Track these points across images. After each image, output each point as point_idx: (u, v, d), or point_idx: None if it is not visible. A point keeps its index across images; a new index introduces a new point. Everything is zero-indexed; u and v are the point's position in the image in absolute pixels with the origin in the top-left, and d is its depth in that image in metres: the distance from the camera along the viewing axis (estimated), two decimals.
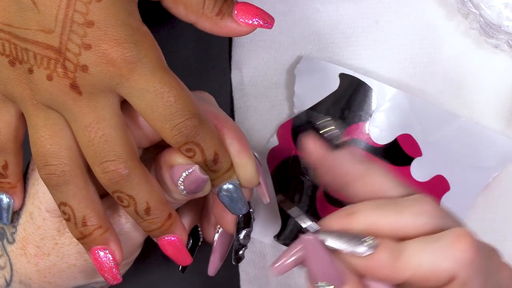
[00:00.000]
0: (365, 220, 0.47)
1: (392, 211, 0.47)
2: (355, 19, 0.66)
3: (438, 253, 0.45)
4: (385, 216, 0.47)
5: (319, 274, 0.46)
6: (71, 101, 0.48)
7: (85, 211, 0.50)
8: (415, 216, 0.47)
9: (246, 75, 0.67)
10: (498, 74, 0.64)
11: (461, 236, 0.45)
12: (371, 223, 0.47)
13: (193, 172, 0.49)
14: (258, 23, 0.51)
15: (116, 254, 0.51)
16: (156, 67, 0.48)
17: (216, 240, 0.57)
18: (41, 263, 0.54)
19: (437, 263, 0.45)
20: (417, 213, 0.47)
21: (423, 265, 0.45)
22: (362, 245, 0.46)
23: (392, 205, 0.48)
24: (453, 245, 0.45)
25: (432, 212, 0.47)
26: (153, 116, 0.48)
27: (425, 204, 0.47)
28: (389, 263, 0.46)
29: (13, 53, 0.48)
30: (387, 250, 0.46)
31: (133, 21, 0.47)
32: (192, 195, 0.51)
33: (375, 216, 0.47)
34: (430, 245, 0.46)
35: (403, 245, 0.46)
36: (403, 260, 0.46)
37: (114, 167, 0.48)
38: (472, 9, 0.62)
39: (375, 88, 0.63)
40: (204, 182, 0.50)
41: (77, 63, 0.47)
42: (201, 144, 0.49)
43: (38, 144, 0.49)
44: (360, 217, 0.48)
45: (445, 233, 0.46)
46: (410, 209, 0.47)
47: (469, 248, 0.45)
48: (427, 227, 0.47)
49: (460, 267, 0.45)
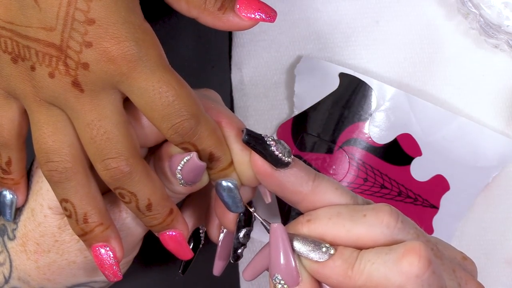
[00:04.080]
0: (320, 228, 0.48)
1: (346, 221, 0.47)
2: (355, 19, 0.66)
3: (388, 265, 0.45)
4: (339, 226, 0.47)
5: (278, 266, 0.47)
6: (73, 99, 0.48)
7: (87, 208, 0.50)
8: (370, 226, 0.47)
9: (246, 75, 0.67)
10: (498, 74, 0.65)
11: (411, 250, 0.45)
12: (326, 231, 0.47)
13: (191, 159, 0.49)
14: (261, 17, 0.51)
15: (117, 251, 0.51)
16: (156, 66, 0.48)
17: (221, 240, 0.57)
18: (41, 260, 0.54)
19: (386, 275, 0.45)
20: (372, 224, 0.47)
21: (374, 276, 0.46)
22: (319, 250, 0.47)
23: (348, 214, 0.48)
24: (402, 259, 0.45)
25: (388, 223, 0.47)
26: (152, 115, 0.48)
27: (382, 214, 0.47)
28: (343, 271, 0.46)
29: (15, 50, 0.48)
30: (341, 258, 0.46)
31: (134, 19, 0.47)
32: (191, 186, 0.51)
33: (330, 225, 0.47)
34: (382, 257, 0.46)
35: (359, 254, 0.47)
36: (356, 269, 0.46)
37: (116, 164, 0.48)
38: (472, 9, 0.62)
39: (375, 88, 0.63)
40: (202, 170, 0.50)
41: (78, 60, 0.47)
42: (196, 144, 0.49)
43: (41, 140, 0.49)
44: (316, 224, 0.48)
45: (397, 246, 0.46)
46: (366, 219, 0.47)
47: (416, 262, 0.45)
48: (382, 237, 0.47)
49: (407, 280, 0.45)
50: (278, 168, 0.48)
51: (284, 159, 0.48)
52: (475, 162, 0.63)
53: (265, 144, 0.48)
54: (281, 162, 0.48)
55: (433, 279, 0.46)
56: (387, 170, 0.63)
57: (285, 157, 0.48)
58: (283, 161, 0.48)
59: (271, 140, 0.48)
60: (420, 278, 0.45)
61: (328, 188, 0.49)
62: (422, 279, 0.45)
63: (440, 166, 0.64)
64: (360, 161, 0.63)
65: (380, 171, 0.63)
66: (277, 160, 0.48)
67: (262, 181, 0.50)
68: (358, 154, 0.63)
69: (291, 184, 0.49)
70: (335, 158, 0.63)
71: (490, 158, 0.63)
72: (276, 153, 0.48)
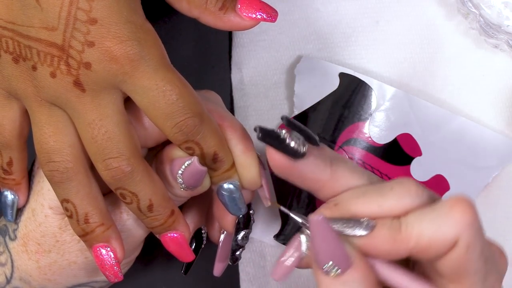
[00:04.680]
0: (350, 208, 0.47)
1: (374, 197, 0.47)
2: (355, 19, 0.66)
3: (438, 220, 0.45)
4: (369, 202, 0.47)
5: (326, 255, 0.46)
6: (75, 98, 0.48)
7: (88, 208, 0.50)
8: (399, 198, 0.46)
9: (246, 75, 0.67)
10: (498, 74, 0.65)
11: (459, 200, 0.45)
12: (357, 210, 0.47)
13: (192, 164, 0.49)
14: (262, 16, 0.51)
15: (118, 251, 0.51)
16: (158, 65, 0.48)
17: (221, 241, 0.57)
18: (42, 260, 0.54)
19: (438, 229, 0.45)
20: (401, 195, 0.47)
21: (425, 233, 0.45)
22: (360, 225, 0.46)
23: (373, 190, 0.47)
24: (452, 209, 0.45)
25: (416, 191, 0.47)
26: (155, 114, 0.48)
27: (407, 185, 0.47)
28: (390, 237, 0.45)
29: (17, 50, 0.48)
30: (385, 226, 0.46)
31: (136, 18, 0.47)
32: (192, 190, 0.51)
33: (360, 204, 0.47)
34: (428, 214, 0.45)
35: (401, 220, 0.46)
36: (404, 232, 0.45)
37: (117, 164, 0.48)
38: (472, 9, 0.62)
39: (375, 88, 0.63)
40: (202, 175, 0.50)
41: (80, 60, 0.47)
42: (200, 143, 0.49)
43: (42, 140, 0.49)
44: (345, 206, 0.47)
45: (441, 202, 0.46)
46: (393, 192, 0.47)
47: (468, 209, 0.45)
48: (414, 206, 0.46)
49: (461, 229, 0.44)
50: (296, 160, 0.48)
51: (300, 150, 0.47)
52: (475, 162, 0.63)
53: (280, 139, 0.47)
54: (298, 154, 0.47)
55: (482, 228, 0.45)
56: (387, 170, 0.63)
57: (301, 147, 0.47)
58: (300, 152, 0.47)
59: (285, 133, 0.47)
60: (473, 225, 0.44)
61: (346, 171, 0.48)
62: (475, 226, 0.45)
63: (440, 166, 0.64)
64: (360, 161, 0.63)
65: (380, 171, 0.63)
66: (295, 153, 0.47)
67: (282, 175, 0.49)
68: (358, 154, 0.63)
69: (311, 173, 0.48)
70: None
71: (490, 158, 0.63)
72: (292, 145, 0.47)
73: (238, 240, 0.54)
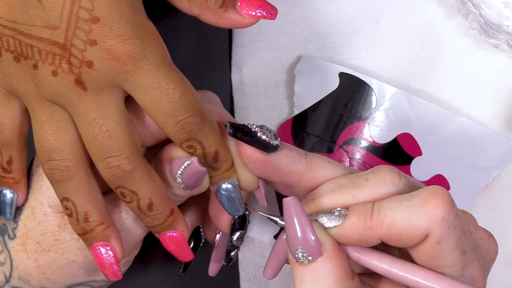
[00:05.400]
0: (326, 202, 0.47)
1: (350, 188, 0.47)
2: (355, 19, 0.66)
3: (411, 210, 0.45)
4: (345, 194, 0.47)
5: (298, 241, 0.46)
6: (76, 97, 0.48)
7: (88, 207, 0.50)
8: (374, 187, 0.47)
9: (246, 75, 0.67)
10: (498, 74, 0.65)
11: (434, 192, 0.45)
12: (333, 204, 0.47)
13: (192, 164, 0.49)
14: (262, 14, 0.51)
15: (117, 250, 0.51)
16: (161, 64, 0.48)
17: (216, 242, 0.57)
18: (41, 259, 0.54)
19: (410, 220, 0.45)
20: (375, 184, 0.47)
21: (397, 222, 0.45)
22: (332, 215, 0.46)
23: (349, 182, 0.47)
24: (426, 202, 0.45)
25: (392, 179, 0.47)
26: (157, 112, 0.48)
27: (382, 173, 0.47)
28: (361, 223, 0.46)
29: (18, 49, 0.48)
30: (355, 213, 0.46)
31: (138, 17, 0.47)
32: (192, 190, 0.51)
33: (336, 197, 0.47)
34: (403, 203, 0.45)
35: (374, 205, 0.46)
36: (376, 218, 0.45)
37: (117, 162, 0.48)
38: (472, 9, 0.62)
39: (375, 87, 0.63)
40: (202, 175, 0.50)
41: (83, 59, 0.47)
42: (202, 141, 0.49)
43: (42, 139, 0.49)
44: (321, 200, 0.48)
45: (418, 191, 0.46)
46: (367, 182, 0.47)
47: (441, 204, 0.45)
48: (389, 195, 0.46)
49: (433, 223, 0.44)
50: (269, 153, 0.49)
51: (272, 142, 0.48)
52: (475, 162, 0.64)
53: (251, 132, 0.48)
54: (271, 146, 0.48)
55: (457, 221, 0.45)
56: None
57: (273, 140, 0.48)
58: (272, 144, 0.48)
59: (256, 127, 0.48)
60: (446, 220, 0.44)
61: (321, 162, 0.49)
62: (447, 221, 0.45)
63: (440, 166, 0.64)
64: (361, 160, 0.63)
65: None
66: (266, 145, 0.48)
67: (256, 170, 0.49)
68: (359, 153, 0.63)
69: (285, 165, 0.49)
70: (336, 158, 0.63)
71: (490, 158, 0.63)
72: (264, 138, 0.48)
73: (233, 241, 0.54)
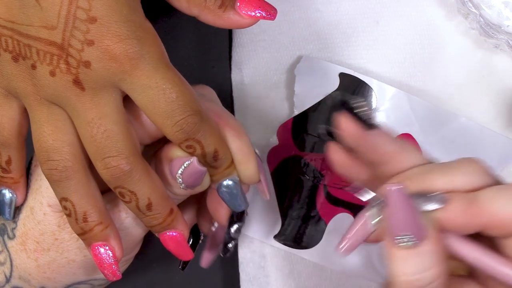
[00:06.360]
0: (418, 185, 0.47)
1: (444, 172, 0.47)
2: (355, 19, 0.66)
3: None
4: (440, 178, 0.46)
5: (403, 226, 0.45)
6: (74, 97, 0.48)
7: (86, 206, 0.50)
8: (469, 174, 0.46)
9: (246, 75, 0.67)
10: (498, 74, 0.65)
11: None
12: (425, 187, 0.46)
13: (192, 164, 0.49)
14: (261, 14, 0.51)
15: (116, 250, 0.51)
16: (158, 63, 0.48)
17: (213, 232, 0.57)
18: (41, 258, 0.54)
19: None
20: (470, 172, 0.46)
21: (500, 211, 0.45)
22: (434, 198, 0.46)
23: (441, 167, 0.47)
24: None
25: (484, 170, 0.47)
26: (155, 112, 0.48)
27: (473, 163, 0.47)
28: (464, 209, 0.45)
29: (16, 49, 0.48)
30: (458, 199, 0.46)
31: (136, 17, 0.47)
32: (192, 189, 0.51)
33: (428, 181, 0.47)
34: (505, 192, 0.45)
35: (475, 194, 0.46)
36: (478, 206, 0.45)
37: (116, 162, 0.48)
38: (472, 9, 0.62)
39: (375, 88, 0.63)
40: (202, 175, 0.50)
41: (80, 59, 0.47)
42: (201, 141, 0.49)
43: (41, 139, 0.49)
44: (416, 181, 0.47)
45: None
46: (462, 169, 0.47)
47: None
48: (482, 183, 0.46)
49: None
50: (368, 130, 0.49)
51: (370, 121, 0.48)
52: None
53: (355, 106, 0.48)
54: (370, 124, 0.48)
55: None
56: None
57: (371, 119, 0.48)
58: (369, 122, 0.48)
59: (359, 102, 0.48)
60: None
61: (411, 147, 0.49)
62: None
63: None
64: None
65: None
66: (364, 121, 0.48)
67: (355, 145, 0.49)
68: None
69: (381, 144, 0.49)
70: None
71: (490, 158, 0.63)
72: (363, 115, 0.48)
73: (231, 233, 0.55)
